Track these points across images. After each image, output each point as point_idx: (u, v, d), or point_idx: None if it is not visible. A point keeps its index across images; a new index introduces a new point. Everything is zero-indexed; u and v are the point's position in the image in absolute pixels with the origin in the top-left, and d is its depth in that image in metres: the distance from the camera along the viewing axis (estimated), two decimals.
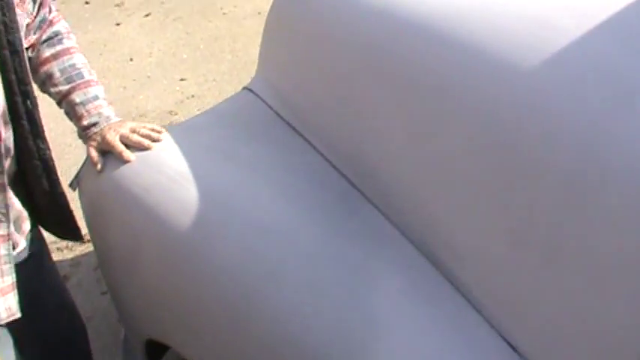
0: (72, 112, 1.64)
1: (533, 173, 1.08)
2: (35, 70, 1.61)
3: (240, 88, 1.88)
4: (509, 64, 1.16)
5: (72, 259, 2.90)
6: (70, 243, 2.95)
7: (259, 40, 1.89)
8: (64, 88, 1.62)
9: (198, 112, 3.69)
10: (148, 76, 4.08)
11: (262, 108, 1.73)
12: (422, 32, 1.31)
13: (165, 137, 1.62)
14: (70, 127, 1.71)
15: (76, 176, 1.74)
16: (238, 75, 4.02)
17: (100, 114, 1.62)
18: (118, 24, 4.61)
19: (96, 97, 1.63)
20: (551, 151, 1.07)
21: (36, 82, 1.62)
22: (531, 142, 1.09)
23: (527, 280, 1.08)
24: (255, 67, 1.90)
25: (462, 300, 1.18)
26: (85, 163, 1.71)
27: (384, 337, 1.14)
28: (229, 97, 1.90)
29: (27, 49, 1.51)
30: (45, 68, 1.62)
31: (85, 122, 1.61)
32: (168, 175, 1.48)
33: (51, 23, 1.63)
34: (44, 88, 1.65)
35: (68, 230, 1.62)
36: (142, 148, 1.58)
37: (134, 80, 4.05)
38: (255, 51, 4.21)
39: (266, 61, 1.85)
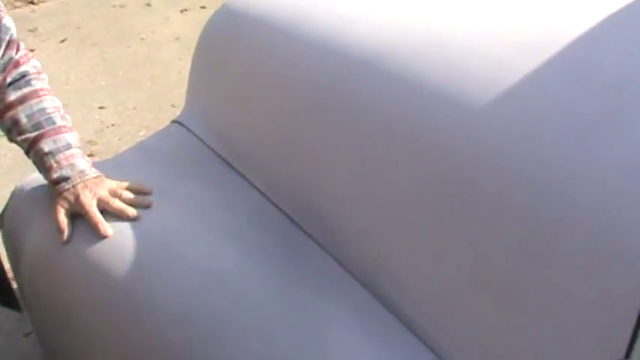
0: (40, 163, 1.44)
1: (490, 213, 1.08)
2: (0, 117, 1.46)
3: (161, 115, 1.84)
4: (460, 102, 1.15)
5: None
6: None
7: (179, 66, 1.86)
8: (31, 135, 1.43)
9: (119, 141, 3.63)
10: (66, 104, 3.93)
11: (194, 143, 1.69)
12: (369, 68, 1.30)
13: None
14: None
15: (1, 215, 1.66)
16: (158, 102, 3.94)
17: (72, 166, 1.42)
18: (31, 50, 4.46)
19: (68, 146, 1.44)
20: (509, 189, 1.06)
21: (2, 129, 1.48)
22: (486, 181, 1.09)
23: (485, 321, 1.07)
24: (175, 93, 1.87)
25: (417, 342, 1.16)
26: (9, 200, 1.63)
27: None
28: (158, 132, 1.85)
29: None
30: (10, 114, 1.45)
31: (54, 175, 1.41)
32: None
33: (17, 64, 1.48)
34: (11, 137, 1.48)
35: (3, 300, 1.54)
36: (125, 218, 1.37)
37: None
38: (174, 78, 4.19)
39: (196, 93, 1.81)
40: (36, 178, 1.59)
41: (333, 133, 1.33)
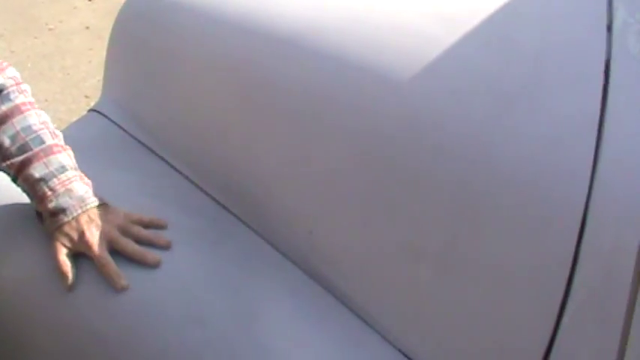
0: (31, 192, 1.22)
1: (421, 185, 1.09)
2: None
3: (74, 107, 1.78)
4: (384, 77, 1.16)
5: None
6: None
7: (90, 55, 1.79)
8: (17, 159, 1.21)
9: None
10: None
11: (115, 131, 1.65)
12: (291, 46, 1.29)
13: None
14: None
15: None
16: (71, 93, 3.84)
17: (69, 192, 1.19)
18: None
19: (62, 169, 1.21)
20: (438, 161, 1.07)
21: None
22: (416, 152, 1.10)
23: (421, 291, 1.09)
24: (87, 84, 1.80)
25: (353, 317, 1.17)
26: None
27: None
28: (75, 121, 1.80)
29: None
30: None
31: (50, 206, 1.19)
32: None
33: None
34: None
35: None
36: (143, 264, 1.18)
37: None
38: (86, 68, 4.09)
39: (114, 80, 1.76)
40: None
41: (258, 113, 1.32)
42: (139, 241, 1.21)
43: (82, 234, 1.17)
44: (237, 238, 1.31)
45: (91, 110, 1.77)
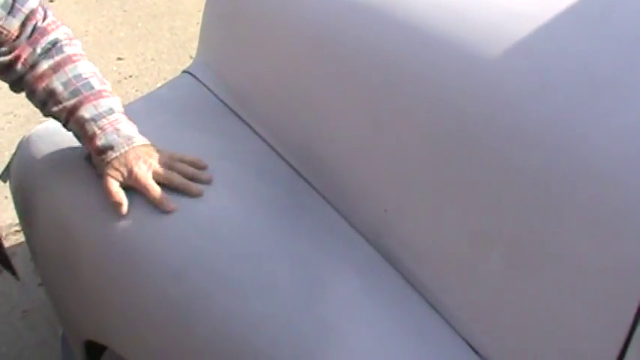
0: (81, 132, 1.32)
1: (499, 170, 1.03)
2: (33, 91, 1.36)
3: (179, 67, 1.80)
4: (470, 53, 1.10)
5: (6, 248, 2.77)
6: (4, 231, 2.83)
7: (198, 17, 1.80)
8: (69, 103, 1.32)
9: (136, 93, 3.60)
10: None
11: (204, 93, 1.65)
12: (377, 17, 1.25)
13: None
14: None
15: (7, 168, 1.64)
16: (177, 54, 3.90)
17: (118, 131, 1.30)
18: (51, 1, 4.43)
19: (110, 111, 1.32)
20: (517, 146, 1.01)
21: (36, 105, 1.38)
22: (496, 136, 1.04)
23: (490, 281, 1.03)
24: (194, 45, 1.82)
25: (422, 301, 1.12)
26: (16, 152, 1.60)
27: (338, 342, 1.07)
28: (168, 82, 1.81)
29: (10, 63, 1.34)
30: (44, 85, 1.33)
31: (99, 143, 1.29)
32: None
33: (45, 32, 1.35)
34: (46, 110, 1.37)
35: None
36: (188, 195, 1.27)
37: None
38: (194, 30, 4.13)
39: (207, 43, 1.76)
40: (45, 127, 1.56)
41: (341, 84, 1.28)
42: (184, 175, 1.29)
43: (130, 168, 1.27)
44: (312, 209, 1.28)
45: (184, 72, 1.77)
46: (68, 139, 1.41)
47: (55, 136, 1.50)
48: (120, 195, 1.26)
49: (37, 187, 1.46)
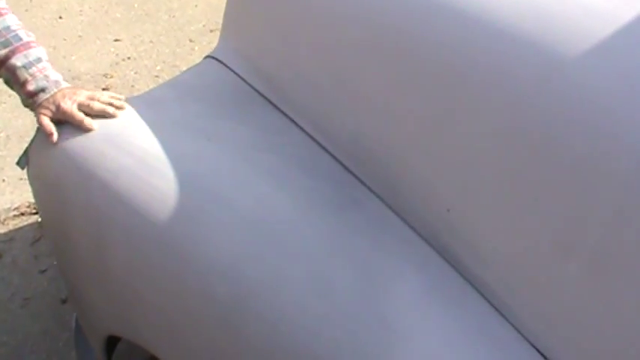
0: (13, 79, 1.49)
1: (580, 173, 0.97)
2: None
3: (178, 50, 1.72)
4: (550, 50, 1.03)
5: (5, 234, 2.70)
6: (2, 216, 2.75)
7: (197, 0, 1.72)
8: (1, 52, 1.46)
9: (135, 75, 3.51)
10: (80, 36, 3.84)
11: (233, 79, 1.58)
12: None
13: (129, 111, 1.47)
14: None
15: (25, 153, 1.56)
16: (176, 37, 3.82)
17: (46, 77, 1.48)
18: None
19: (39, 60, 1.50)
20: (605, 148, 0.95)
21: None
22: (576, 137, 0.98)
23: (568, 289, 0.98)
24: (193, 29, 1.74)
25: (486, 304, 1.07)
26: (34, 138, 1.53)
27: (401, 344, 1.02)
28: (192, 67, 1.74)
29: None
30: None
31: (30, 88, 1.47)
32: (137, 156, 1.32)
33: None
34: None
35: None
36: (107, 116, 1.43)
37: (65, 40, 3.81)
38: (192, 12, 4.05)
39: (235, 26, 1.68)
40: None
41: (398, 72, 1.20)
42: (104, 104, 1.46)
43: (58, 106, 1.45)
44: (364, 206, 1.22)
45: (209, 57, 1.70)
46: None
47: None
48: (50, 127, 1.43)
49: (65, 179, 1.39)
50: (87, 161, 1.36)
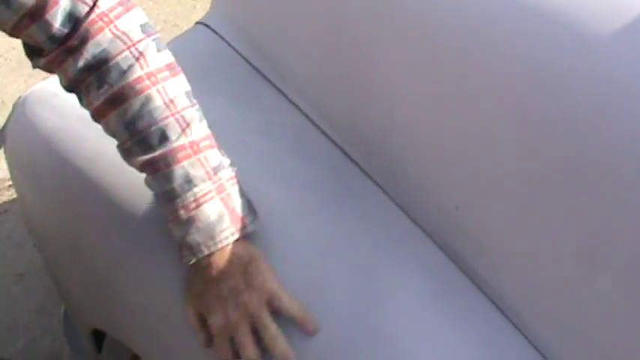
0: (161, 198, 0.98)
1: (611, 180, 0.85)
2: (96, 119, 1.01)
3: (179, 8, 1.59)
4: (579, 47, 0.90)
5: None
6: None
7: None
8: (138, 159, 0.96)
9: None
10: None
11: (224, 49, 1.44)
12: None
13: None
14: None
15: (3, 129, 1.46)
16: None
17: (197, 222, 0.95)
18: None
19: (190, 182, 0.95)
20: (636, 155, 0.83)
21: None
22: (607, 141, 0.85)
23: (593, 307, 0.86)
24: None
25: (499, 315, 0.96)
26: (11, 114, 1.42)
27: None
28: (181, 34, 1.61)
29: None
30: (104, 121, 0.98)
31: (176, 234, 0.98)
32: None
33: (88, 34, 0.92)
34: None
35: None
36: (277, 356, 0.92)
37: None
38: None
39: None
40: (43, 87, 1.38)
41: (407, 50, 1.06)
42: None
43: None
44: (366, 198, 1.10)
45: (199, 23, 1.57)
46: (70, 103, 1.21)
47: (55, 98, 1.31)
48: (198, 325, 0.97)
49: (39, 161, 1.28)
50: (63, 144, 1.24)
